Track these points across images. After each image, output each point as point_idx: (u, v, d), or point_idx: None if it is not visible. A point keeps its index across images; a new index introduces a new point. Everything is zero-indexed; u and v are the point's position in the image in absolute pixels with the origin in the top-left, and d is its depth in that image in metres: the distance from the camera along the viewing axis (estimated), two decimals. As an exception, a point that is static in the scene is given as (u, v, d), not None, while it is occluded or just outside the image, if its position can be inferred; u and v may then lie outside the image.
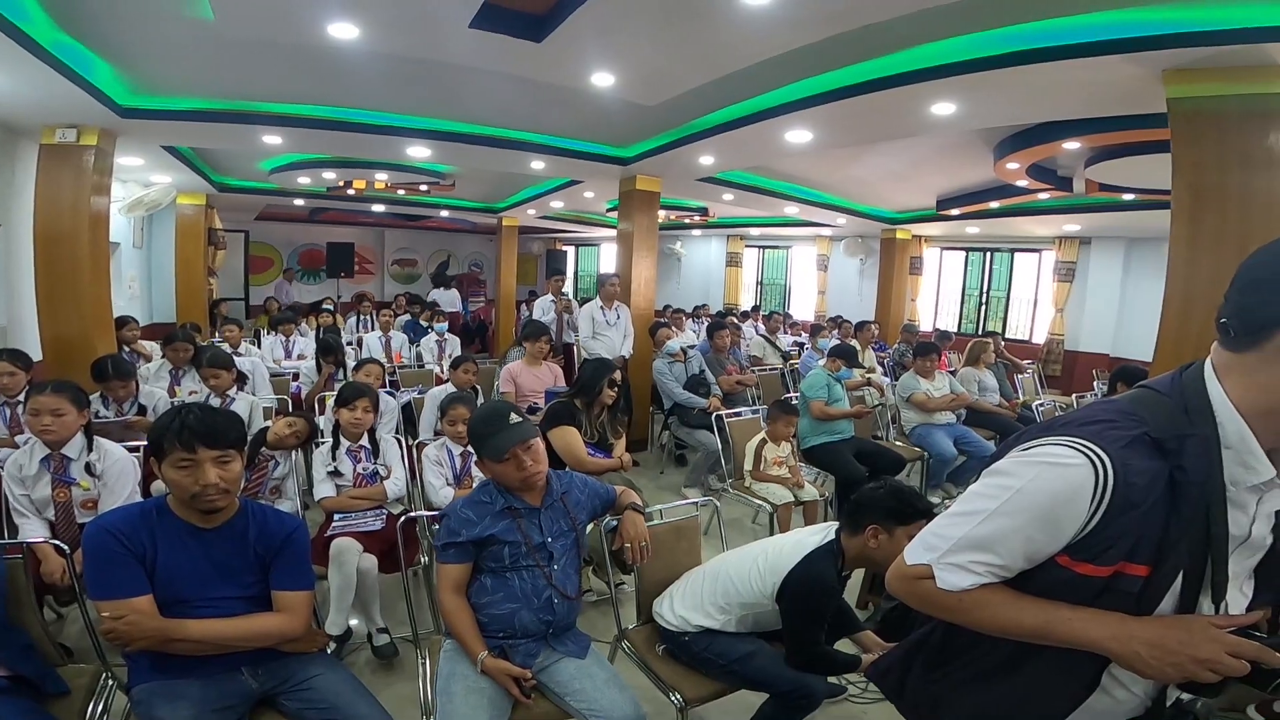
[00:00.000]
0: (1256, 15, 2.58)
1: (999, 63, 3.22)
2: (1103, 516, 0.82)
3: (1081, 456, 0.82)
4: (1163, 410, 0.87)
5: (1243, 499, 0.84)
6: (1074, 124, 4.31)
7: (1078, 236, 8.88)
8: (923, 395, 4.79)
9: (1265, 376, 0.81)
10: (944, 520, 0.94)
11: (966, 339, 7.12)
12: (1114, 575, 0.84)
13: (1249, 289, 0.82)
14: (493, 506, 1.87)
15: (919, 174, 6.91)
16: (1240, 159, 2.84)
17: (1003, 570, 0.90)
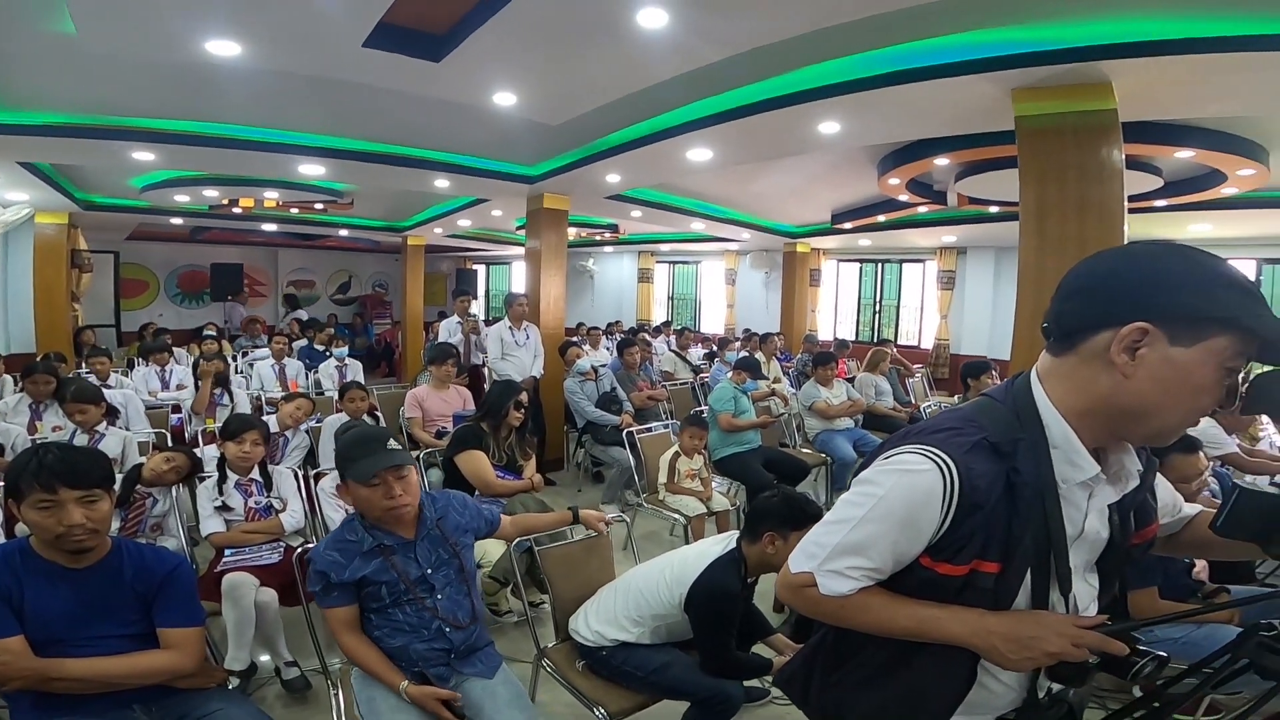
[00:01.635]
0: (1090, 34, 2.83)
1: (874, 83, 3.40)
2: (953, 518, 0.87)
3: (930, 463, 0.88)
4: (998, 416, 0.93)
5: (1074, 496, 0.91)
6: (943, 141, 4.62)
7: (955, 247, 9.61)
8: (823, 403, 5.04)
9: (1080, 379, 0.88)
10: (820, 529, 0.98)
11: (864, 346, 7.56)
12: (970, 573, 0.89)
13: (1065, 297, 0.90)
14: (360, 546, 1.78)
15: (814, 189, 7.25)
16: (1078, 172, 3.11)
17: (876, 573, 0.94)
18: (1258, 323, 0.79)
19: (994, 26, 2.89)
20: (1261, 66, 2.68)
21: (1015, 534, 0.88)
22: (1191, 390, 0.82)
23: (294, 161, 5.30)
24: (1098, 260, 0.89)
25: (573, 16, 3.11)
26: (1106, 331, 0.84)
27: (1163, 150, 4.26)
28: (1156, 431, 0.88)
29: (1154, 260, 0.85)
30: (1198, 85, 3.03)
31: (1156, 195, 5.22)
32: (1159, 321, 0.81)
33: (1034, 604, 0.92)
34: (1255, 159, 4.30)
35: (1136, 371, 0.83)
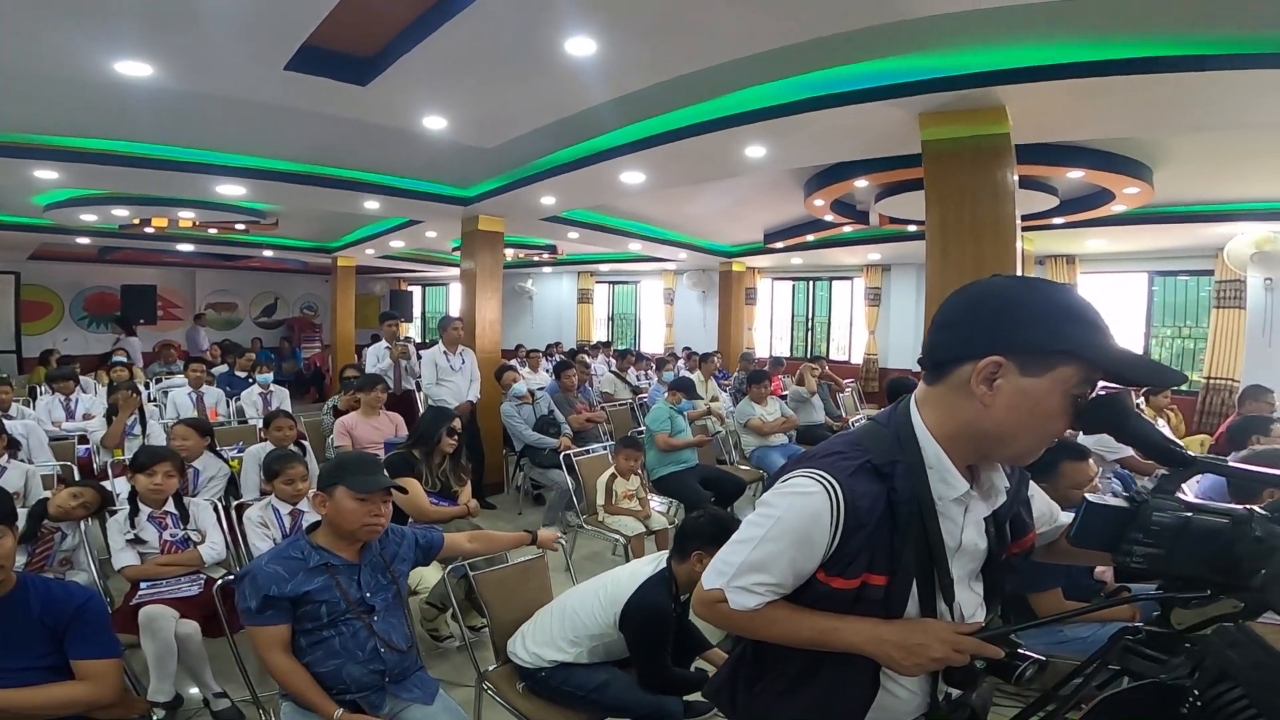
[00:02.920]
0: (986, 60, 3.02)
1: (795, 109, 3.54)
2: (842, 535, 0.94)
3: (819, 485, 0.94)
4: (881, 440, 0.99)
5: (951, 511, 0.98)
6: (863, 163, 4.79)
7: (880, 264, 10.05)
8: (758, 420, 5.16)
9: (949, 406, 0.95)
10: (728, 548, 1.03)
11: (797, 363, 7.78)
12: (861, 586, 0.95)
13: (934, 331, 0.98)
14: (305, 563, 1.80)
15: (746, 210, 7.44)
16: (975, 194, 3.30)
17: (779, 588, 1.00)
18: (1097, 354, 0.87)
19: (902, 55, 3.04)
20: (1138, 89, 2.90)
21: (898, 548, 0.95)
22: (1043, 417, 0.90)
23: (211, 181, 5.10)
24: (961, 295, 0.96)
25: (502, 44, 3.14)
26: (968, 364, 0.91)
27: (1056, 171, 4.57)
28: (1016, 454, 0.96)
29: (1007, 296, 0.92)
30: (1082, 108, 3.25)
31: (1054, 213, 5.59)
32: (1011, 354, 0.88)
33: (923, 612, 0.98)
34: (1140, 178, 4.63)
35: (995, 401, 0.90)
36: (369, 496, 1.83)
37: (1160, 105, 3.11)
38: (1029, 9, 2.59)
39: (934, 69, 3.12)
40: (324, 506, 1.87)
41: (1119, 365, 0.87)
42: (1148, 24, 2.58)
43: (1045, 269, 7.78)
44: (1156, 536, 0.92)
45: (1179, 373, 0.93)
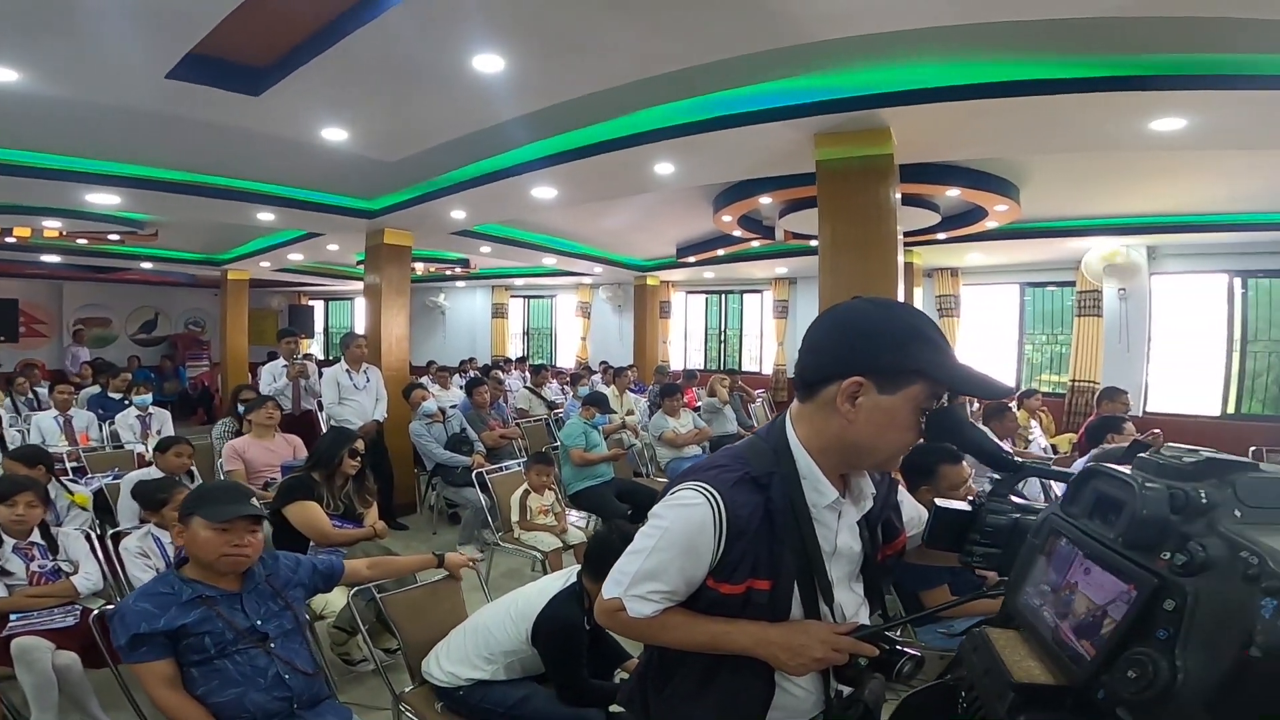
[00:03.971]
0: (872, 82, 3.19)
1: (700, 128, 3.63)
2: (725, 543, 1.00)
3: (702, 497, 1.01)
4: (760, 453, 1.07)
5: (825, 517, 1.06)
6: (766, 181, 4.96)
7: (787, 278, 10.43)
8: (671, 432, 5.26)
9: (819, 422, 1.03)
10: (624, 558, 1.08)
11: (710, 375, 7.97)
12: (747, 591, 1.02)
13: (804, 353, 1.06)
14: (177, 597, 1.75)
15: (658, 225, 7.57)
16: (862, 210, 3.51)
17: (673, 595, 1.05)
18: (941, 372, 0.98)
19: (797, 76, 3.18)
20: (1006, 111, 3.15)
21: (778, 554, 1.02)
22: (898, 429, 0.99)
23: (80, 190, 4.68)
24: (826, 320, 1.06)
25: (407, 59, 3.09)
26: (834, 384, 1.00)
27: (936, 189, 4.92)
28: (878, 463, 1.07)
29: (865, 322, 1.02)
30: (958, 129, 3.50)
31: (938, 229, 6.03)
32: (870, 375, 0.97)
33: (806, 614, 1.05)
34: (1008, 196, 5.05)
35: (857, 416, 0.99)
36: (228, 525, 1.79)
37: (1025, 127, 3.39)
38: (910, 34, 2.78)
39: (827, 91, 3.28)
40: (181, 538, 1.85)
41: (959, 381, 0.98)
42: (1014, 49, 2.81)
43: (933, 281, 8.36)
44: (992, 536, 1.03)
45: (1006, 385, 1.04)
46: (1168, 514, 0.56)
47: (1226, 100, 2.89)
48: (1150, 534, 0.56)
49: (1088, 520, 0.80)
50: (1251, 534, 0.51)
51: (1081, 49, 2.76)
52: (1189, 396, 6.86)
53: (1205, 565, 0.52)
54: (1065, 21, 2.59)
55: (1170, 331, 6.95)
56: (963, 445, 1.02)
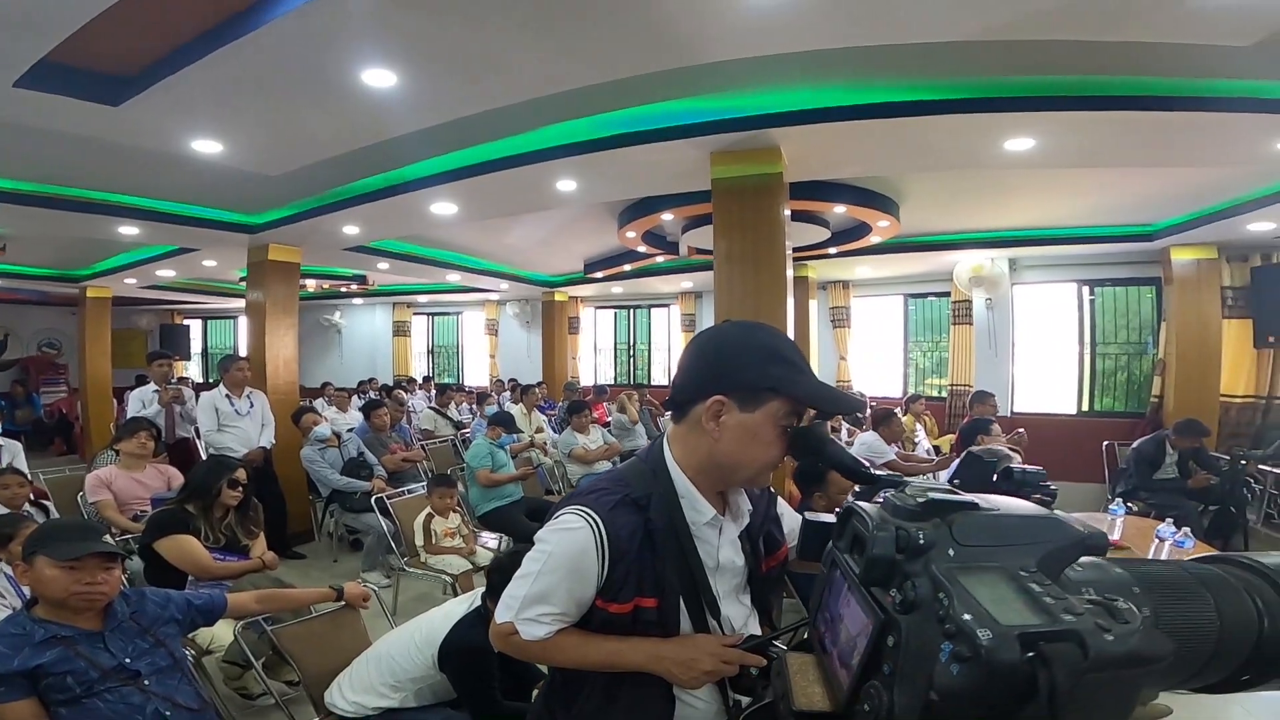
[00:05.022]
0: (765, 103, 3.33)
1: (601, 145, 3.68)
2: (609, 564, 1.02)
3: (582, 521, 1.03)
4: (640, 474, 1.10)
5: (705, 534, 1.09)
6: (669, 198, 5.08)
7: (693, 292, 10.65)
8: (581, 449, 5.24)
9: (692, 442, 1.07)
10: (513, 582, 1.09)
11: (621, 390, 8.01)
12: (634, 609, 1.04)
13: (677, 374, 1.10)
14: (29, 638, 1.69)
15: (565, 241, 7.52)
16: (754, 227, 3.66)
17: (564, 617, 1.06)
18: (797, 389, 1.02)
19: (695, 96, 3.26)
20: (880, 132, 3.35)
21: (661, 572, 1.04)
22: (762, 445, 1.03)
23: (-101, 200, 4.12)
24: (693, 344, 1.10)
25: (290, 73, 2.95)
26: (700, 404, 1.04)
27: (825, 206, 5.20)
28: (747, 478, 1.09)
29: (726, 343, 1.06)
30: (843, 149, 3.70)
31: (829, 244, 6.37)
32: (731, 393, 1.02)
33: (695, 628, 1.07)
34: (889, 212, 5.39)
35: (722, 434, 1.03)
36: (77, 563, 1.74)
37: (899, 147, 3.62)
38: (798, 57, 2.91)
39: (722, 111, 3.39)
40: (25, 577, 1.80)
41: (813, 398, 1.03)
42: (888, 73, 3.00)
43: (827, 293, 8.81)
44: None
45: (857, 401, 1.13)
46: (894, 553, 0.56)
47: (1070, 121, 3.16)
48: (881, 572, 0.57)
49: (848, 555, 0.82)
50: (954, 574, 0.52)
51: (945, 73, 2.98)
52: (1050, 396, 7.55)
53: (915, 604, 0.52)
54: (930, 46, 2.78)
55: (1032, 337, 7.64)
56: (824, 461, 1.06)
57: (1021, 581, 0.51)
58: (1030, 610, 0.48)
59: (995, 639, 0.46)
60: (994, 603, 0.49)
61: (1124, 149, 3.57)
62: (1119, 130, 3.27)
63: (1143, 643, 0.47)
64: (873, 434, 4.98)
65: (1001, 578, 0.52)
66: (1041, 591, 0.50)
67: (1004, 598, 0.50)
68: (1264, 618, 0.57)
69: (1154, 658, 0.48)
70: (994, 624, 0.47)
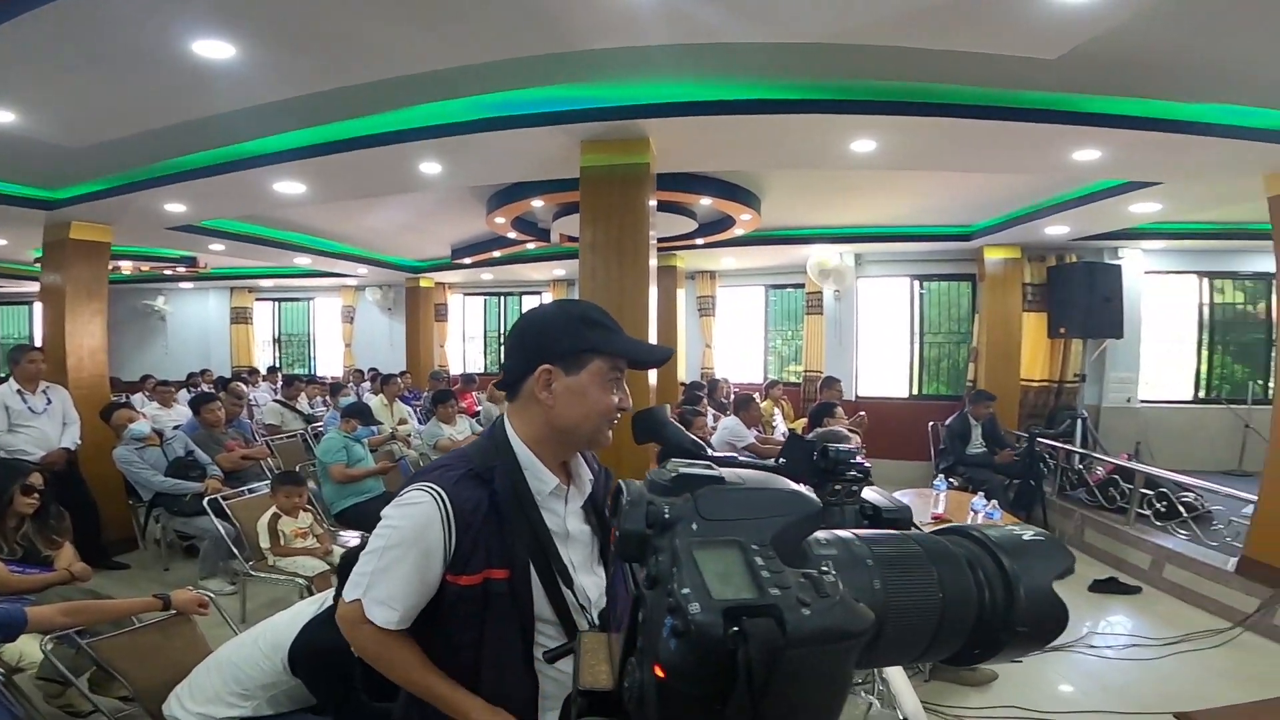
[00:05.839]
0: (635, 94, 3.36)
1: (468, 129, 3.58)
2: (456, 536, 1.05)
3: (426, 495, 1.06)
4: (483, 450, 1.16)
5: (552, 504, 1.14)
6: (539, 184, 5.02)
7: (565, 280, 10.58)
8: (447, 440, 5.05)
9: (529, 415, 1.14)
10: (361, 560, 1.09)
11: (491, 379, 7.81)
12: (484, 581, 1.06)
13: (506, 358, 1.17)
14: None
15: (430, 225, 7.22)
16: (620, 216, 3.70)
17: (412, 596, 1.06)
18: (612, 346, 1.12)
19: (566, 83, 3.24)
20: (742, 127, 3.48)
21: (510, 542, 1.08)
22: (592, 402, 1.11)
23: None
24: (514, 327, 1.19)
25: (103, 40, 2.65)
26: (530, 378, 1.11)
27: (691, 198, 5.35)
28: (587, 437, 1.15)
29: (543, 320, 1.16)
30: (709, 142, 3.82)
31: (695, 235, 6.58)
32: (554, 361, 1.10)
33: (550, 599, 1.10)
34: (750, 206, 5.63)
35: (555, 401, 1.10)
36: None
37: (759, 142, 3.79)
38: (672, 49, 2.96)
39: (594, 98, 3.39)
40: None
41: (627, 351, 1.14)
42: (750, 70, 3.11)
43: (694, 283, 9.11)
44: None
45: (666, 350, 1.25)
46: (643, 528, 0.54)
47: (906, 125, 3.42)
48: (633, 547, 0.55)
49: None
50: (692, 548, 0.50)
51: (801, 73, 3.13)
52: (887, 381, 8.33)
53: (657, 579, 0.50)
54: (790, 46, 2.91)
55: (873, 327, 8.36)
56: (662, 442, 1.12)
57: (750, 555, 0.50)
58: (747, 584, 0.47)
59: (703, 612, 0.44)
60: (716, 577, 0.47)
61: (949, 154, 3.96)
62: (945, 136, 3.58)
63: (839, 617, 0.46)
64: (734, 419, 5.24)
65: (734, 551, 0.50)
66: (763, 565, 0.48)
67: (730, 572, 0.48)
68: (984, 590, 0.57)
69: (852, 632, 0.46)
70: (706, 598, 0.45)
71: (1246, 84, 3.03)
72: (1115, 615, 4.06)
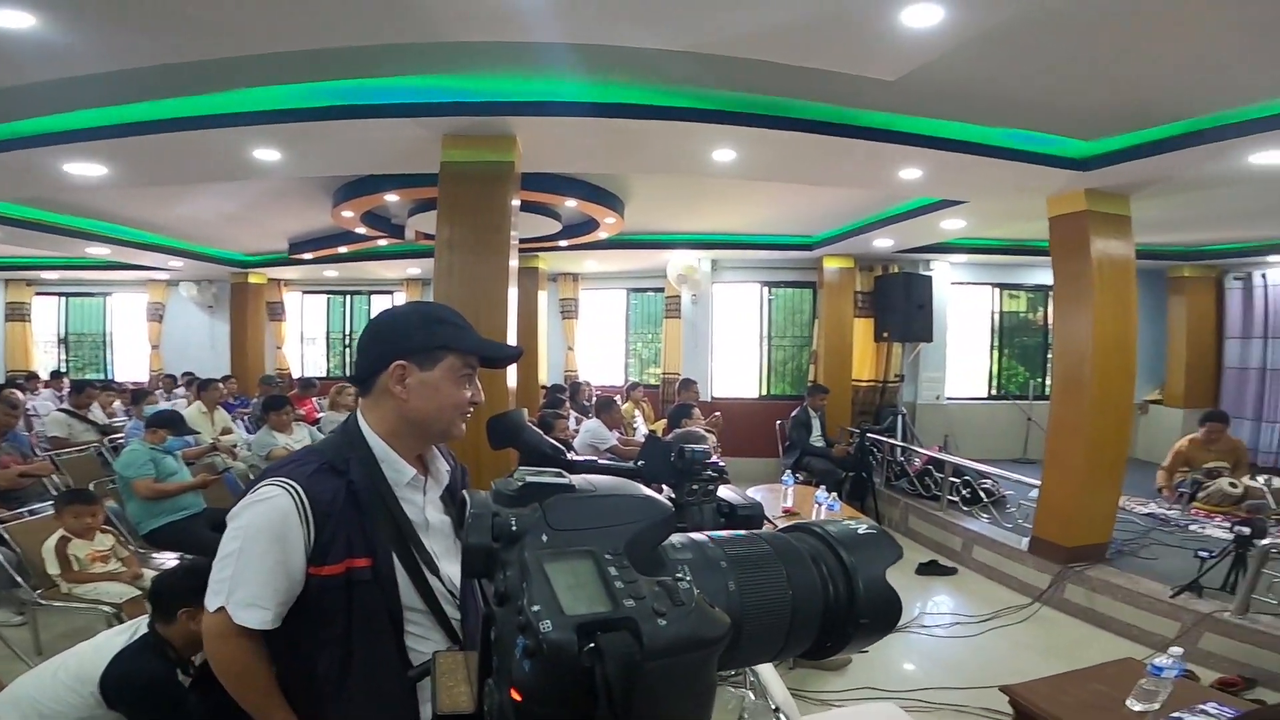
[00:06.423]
0: (503, 90, 3.28)
1: (313, 116, 3.33)
2: (315, 527, 1.06)
3: (279, 489, 1.06)
4: (335, 445, 1.17)
5: (410, 495, 1.16)
6: (394, 178, 4.77)
7: (420, 279, 10.02)
8: (282, 450, 4.58)
9: (382, 409, 1.16)
10: (216, 567, 1.07)
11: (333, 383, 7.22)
12: (347, 571, 1.06)
13: (358, 355, 1.19)
14: None
15: (263, 216, 6.57)
16: (482, 215, 3.60)
17: (280, 593, 1.05)
18: (464, 343, 1.17)
19: (428, 74, 3.11)
20: (609, 131, 3.50)
21: (370, 531, 1.09)
22: (445, 396, 1.15)
23: None
24: (368, 326, 1.22)
25: None
26: (383, 373, 1.14)
27: (557, 199, 5.30)
28: (443, 429, 1.18)
29: (394, 318, 1.21)
30: (574, 144, 3.80)
31: (560, 236, 6.53)
32: (408, 356, 1.13)
33: (417, 587, 1.11)
34: (614, 209, 5.68)
35: (409, 395, 1.14)
36: None
37: (625, 147, 3.82)
38: (541, 47, 2.90)
39: (458, 92, 3.27)
40: None
41: (478, 348, 1.19)
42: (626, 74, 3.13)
43: (557, 285, 9.04)
44: None
45: (517, 349, 1.33)
46: (489, 541, 0.51)
47: (763, 138, 3.58)
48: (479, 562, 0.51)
49: None
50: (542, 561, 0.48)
51: (668, 80, 3.19)
52: (740, 382, 8.80)
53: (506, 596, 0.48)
54: (660, 53, 2.94)
55: (727, 330, 8.79)
56: (520, 447, 1.12)
57: (603, 565, 0.48)
58: (600, 597, 0.45)
59: (555, 630, 0.42)
60: (568, 590, 0.45)
61: (801, 167, 4.23)
62: (799, 149, 3.80)
63: (695, 625, 0.45)
64: (596, 421, 5.26)
65: (587, 562, 0.48)
66: (617, 575, 0.47)
67: (582, 584, 0.46)
68: (828, 584, 0.58)
69: (710, 640, 0.45)
70: (558, 614, 0.43)
71: (1040, 112, 3.49)
72: (939, 595, 4.55)
